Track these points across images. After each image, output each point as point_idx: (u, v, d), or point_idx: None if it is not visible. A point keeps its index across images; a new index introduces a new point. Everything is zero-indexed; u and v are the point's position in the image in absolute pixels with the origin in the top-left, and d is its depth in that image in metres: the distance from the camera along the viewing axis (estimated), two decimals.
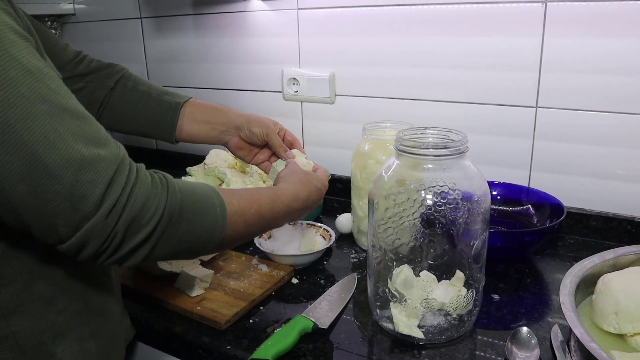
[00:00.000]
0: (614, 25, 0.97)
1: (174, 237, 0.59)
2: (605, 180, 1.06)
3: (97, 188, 0.52)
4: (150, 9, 1.56)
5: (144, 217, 0.55)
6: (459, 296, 0.75)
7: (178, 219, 0.59)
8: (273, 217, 0.74)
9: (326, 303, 0.85)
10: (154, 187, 0.57)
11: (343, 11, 1.23)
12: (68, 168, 0.51)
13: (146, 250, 0.57)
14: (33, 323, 0.63)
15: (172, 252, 0.61)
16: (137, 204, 0.55)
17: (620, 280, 0.73)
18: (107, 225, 0.53)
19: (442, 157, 0.72)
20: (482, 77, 1.12)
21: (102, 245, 0.54)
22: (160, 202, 0.57)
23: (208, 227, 0.63)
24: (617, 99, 1.00)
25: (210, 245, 0.65)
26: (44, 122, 0.50)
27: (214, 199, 0.64)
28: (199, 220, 0.61)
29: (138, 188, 0.55)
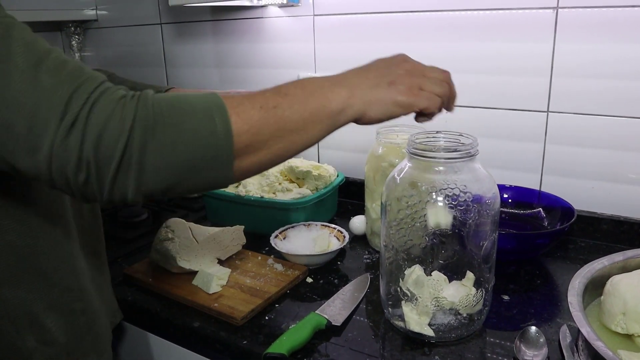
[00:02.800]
0: (625, 30, 0.99)
1: (162, 150, 0.50)
2: (616, 183, 1.07)
3: (56, 111, 0.48)
4: (170, 15, 1.60)
5: (112, 134, 0.49)
6: (468, 295, 0.77)
7: (157, 129, 0.50)
8: (306, 92, 0.58)
9: (339, 301, 0.87)
10: (121, 102, 0.50)
11: (358, 17, 1.26)
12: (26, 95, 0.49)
13: (133, 174, 0.50)
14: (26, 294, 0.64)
15: (175, 173, 0.52)
16: (99, 119, 0.49)
17: (628, 281, 0.75)
18: (69, 146, 0.48)
19: (452, 159, 0.74)
20: (494, 82, 1.14)
21: (78, 173, 0.49)
22: (127, 116, 0.49)
23: (204, 128, 0.52)
24: (628, 103, 1.02)
25: (224, 151, 0.52)
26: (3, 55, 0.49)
27: (208, 97, 0.54)
28: (188, 123, 0.51)
29: (100, 104, 0.49)
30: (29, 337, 0.66)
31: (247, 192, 1.14)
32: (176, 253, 0.94)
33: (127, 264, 1.04)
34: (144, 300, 0.93)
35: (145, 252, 1.06)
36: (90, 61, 1.89)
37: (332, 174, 1.21)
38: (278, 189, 1.16)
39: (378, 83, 0.63)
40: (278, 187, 1.16)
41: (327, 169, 1.21)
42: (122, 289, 0.97)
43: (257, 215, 1.14)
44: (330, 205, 1.23)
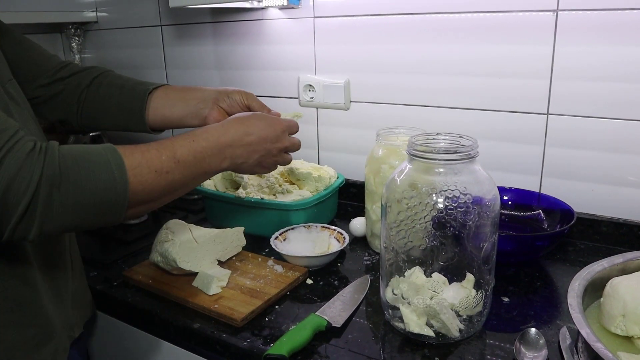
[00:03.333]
0: (625, 33, 0.99)
1: (65, 202, 0.57)
2: (616, 186, 1.07)
3: None
4: (170, 17, 1.61)
5: (21, 183, 0.54)
6: (468, 297, 0.77)
7: (61, 182, 0.56)
8: (196, 159, 0.70)
9: (339, 303, 0.87)
10: (31, 155, 0.56)
11: (358, 20, 1.27)
12: None
13: (37, 219, 0.56)
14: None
15: (75, 219, 0.59)
16: (10, 171, 0.54)
17: (628, 283, 0.75)
18: None
19: (452, 161, 0.74)
20: (494, 85, 1.14)
21: None
22: (35, 168, 0.55)
23: (103, 184, 0.59)
24: (628, 106, 1.02)
25: (119, 205, 0.61)
26: None
27: (106, 155, 0.61)
28: (90, 179, 0.58)
29: (11, 156, 0.54)
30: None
31: (247, 194, 1.14)
32: (176, 254, 0.94)
33: (127, 266, 1.04)
34: (144, 301, 0.93)
35: (145, 253, 1.06)
36: (90, 63, 1.89)
37: (332, 175, 1.22)
38: (278, 191, 1.16)
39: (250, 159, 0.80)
40: (278, 189, 1.16)
41: (327, 170, 1.21)
42: (122, 290, 0.97)
43: (257, 217, 1.14)
44: (331, 207, 1.23)
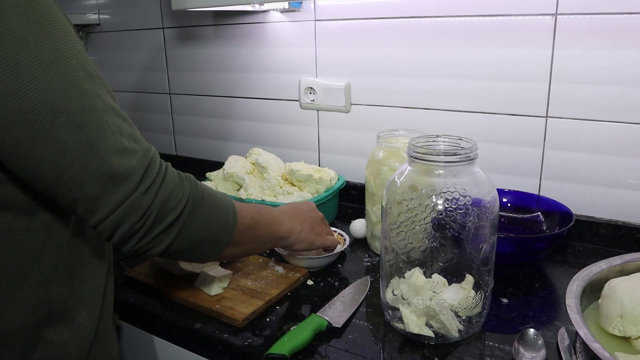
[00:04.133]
0: (623, 37, 1.00)
1: (196, 223, 0.68)
2: (614, 188, 1.08)
3: (137, 172, 0.62)
4: (172, 20, 1.62)
5: (174, 200, 0.65)
6: (468, 298, 0.78)
7: (200, 206, 0.68)
8: (271, 217, 0.84)
9: (340, 304, 0.88)
10: (180, 179, 0.68)
11: (359, 23, 1.28)
12: (116, 154, 0.60)
13: (172, 235, 0.66)
14: (64, 291, 0.72)
15: (194, 243, 0.69)
16: (168, 188, 0.65)
17: (625, 284, 0.76)
18: (144, 201, 0.62)
19: (452, 163, 0.75)
20: (494, 88, 1.15)
21: (137, 222, 0.63)
22: (185, 190, 0.67)
23: (223, 217, 0.72)
24: (626, 109, 1.03)
25: (226, 237, 0.73)
26: (98, 115, 0.60)
27: (225, 196, 0.76)
28: (216, 210, 0.71)
29: (168, 176, 0.66)
30: (64, 332, 0.73)
31: (248, 195, 1.15)
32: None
33: (128, 266, 1.04)
34: (145, 302, 0.94)
35: None
36: None
37: (332, 177, 1.22)
38: (279, 192, 1.17)
39: (305, 226, 0.91)
40: (279, 191, 1.17)
41: (327, 172, 1.22)
42: (124, 290, 0.98)
43: None
44: (331, 209, 1.24)
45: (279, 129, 1.50)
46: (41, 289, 0.69)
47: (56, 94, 0.57)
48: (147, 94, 1.78)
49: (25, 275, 0.67)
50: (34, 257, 0.68)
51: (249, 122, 1.56)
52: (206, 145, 1.69)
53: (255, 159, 1.25)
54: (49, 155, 0.58)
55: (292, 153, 1.48)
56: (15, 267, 0.66)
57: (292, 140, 1.48)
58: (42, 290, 0.69)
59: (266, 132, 1.53)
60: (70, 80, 0.58)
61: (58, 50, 0.57)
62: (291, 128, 1.47)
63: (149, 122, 1.81)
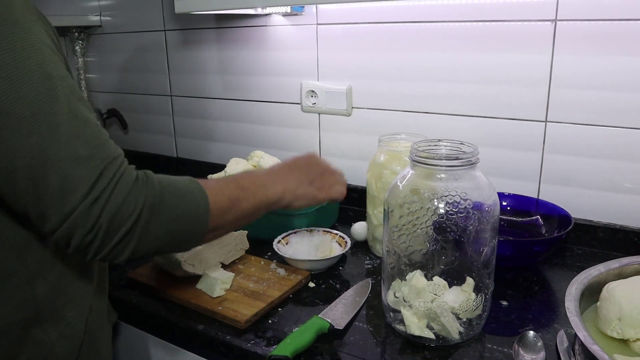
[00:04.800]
0: (622, 43, 1.01)
1: (159, 229, 0.63)
2: (612, 192, 1.09)
3: (86, 183, 0.58)
4: (174, 22, 1.62)
5: (126, 210, 0.60)
6: (468, 300, 0.79)
7: (160, 209, 0.63)
8: (256, 186, 0.77)
9: (342, 306, 0.89)
10: (136, 184, 0.62)
11: (360, 27, 1.29)
12: (65, 162, 0.57)
13: (132, 243, 0.62)
14: (54, 289, 0.71)
15: (163, 244, 0.65)
16: (118, 198, 0.60)
17: (624, 287, 0.77)
18: (90, 215, 0.58)
19: (454, 167, 0.76)
20: (494, 92, 1.16)
21: (87, 235, 0.59)
22: (139, 197, 0.61)
23: (191, 210, 0.66)
24: (624, 114, 1.04)
25: (201, 231, 0.68)
26: (53, 120, 0.57)
27: (192, 183, 0.69)
28: (181, 205, 0.65)
29: (121, 184, 0.60)
30: (52, 330, 0.72)
31: None
32: (181, 257, 0.96)
33: (131, 268, 1.05)
34: (148, 303, 0.95)
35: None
36: (93, 67, 1.91)
37: None
38: None
39: (302, 182, 0.84)
40: None
41: None
42: (126, 292, 0.98)
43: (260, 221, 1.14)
44: (332, 212, 1.25)
45: (281, 131, 1.51)
46: (26, 287, 0.68)
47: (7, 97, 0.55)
48: (149, 95, 1.78)
49: (8, 274, 0.66)
50: (18, 255, 0.67)
51: (250, 125, 1.57)
52: (207, 148, 1.69)
53: (257, 162, 1.26)
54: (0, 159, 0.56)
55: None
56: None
57: (293, 143, 1.49)
58: (28, 289, 0.68)
59: (268, 134, 1.54)
60: (22, 82, 0.56)
61: (14, 51, 0.56)
62: (293, 131, 1.48)
63: (150, 124, 1.81)
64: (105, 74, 1.89)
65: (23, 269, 0.67)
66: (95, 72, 1.92)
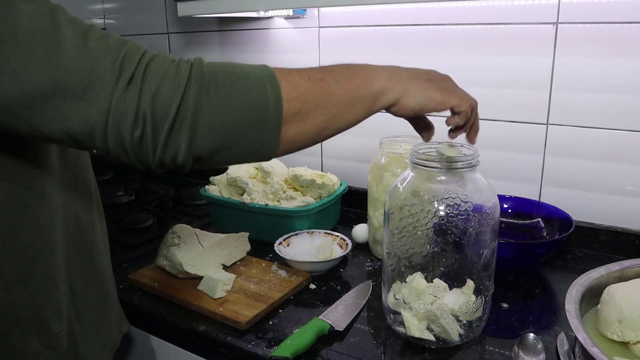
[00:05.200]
0: (623, 46, 1.01)
1: (217, 109, 0.53)
2: (614, 195, 1.09)
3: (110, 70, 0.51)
4: (177, 25, 1.63)
5: (168, 88, 0.52)
6: (468, 303, 0.79)
7: (210, 85, 0.54)
8: (350, 71, 0.62)
9: (342, 307, 0.89)
10: (175, 62, 0.54)
11: (361, 30, 1.29)
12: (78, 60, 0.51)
13: (187, 130, 0.53)
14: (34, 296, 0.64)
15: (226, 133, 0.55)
16: (156, 77, 0.52)
17: (624, 290, 0.77)
18: (127, 100, 0.51)
19: (454, 169, 0.76)
20: (496, 95, 1.16)
21: (135, 127, 0.52)
22: (181, 72, 0.53)
23: (254, 91, 0.55)
24: (626, 117, 1.04)
25: (274, 116, 0.56)
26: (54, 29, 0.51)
27: (255, 66, 0.58)
28: (240, 84, 0.55)
29: (155, 63, 0.53)
30: (34, 341, 0.66)
31: (251, 200, 1.16)
32: (182, 258, 0.96)
33: (132, 269, 1.05)
34: (149, 304, 0.95)
35: (150, 257, 1.08)
36: None
37: (335, 182, 1.24)
38: (282, 197, 1.18)
39: (417, 77, 0.67)
40: (282, 195, 1.18)
41: (330, 178, 1.23)
42: (128, 293, 0.99)
43: (261, 223, 1.16)
44: (333, 214, 1.25)
45: None
46: (2, 293, 0.62)
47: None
48: None
49: None
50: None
51: None
52: None
53: (259, 164, 1.26)
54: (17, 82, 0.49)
55: (296, 158, 1.49)
56: None
57: None
58: (4, 295, 0.62)
59: None
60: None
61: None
62: None
63: None
64: None
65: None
66: None
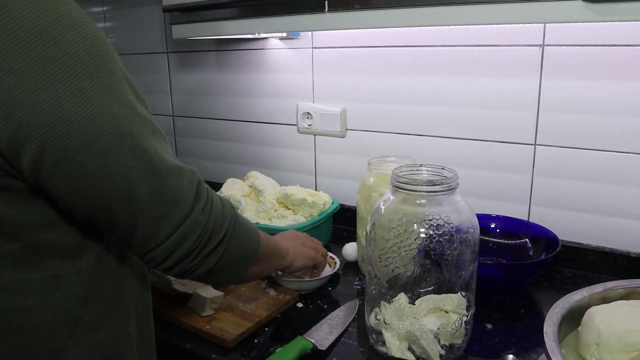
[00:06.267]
0: (609, 68, 1.03)
1: (235, 241, 0.70)
2: (602, 216, 1.10)
3: (192, 190, 0.63)
4: (176, 45, 1.67)
5: (222, 218, 0.67)
6: (448, 323, 0.79)
7: (237, 224, 0.70)
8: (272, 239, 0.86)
9: (327, 326, 0.90)
10: (219, 197, 0.70)
11: (354, 51, 1.31)
12: (172, 174, 0.61)
13: (220, 252, 0.67)
14: (113, 334, 0.69)
15: (231, 259, 0.70)
16: (217, 207, 0.67)
17: (604, 312, 0.77)
18: (202, 219, 0.64)
19: (433, 192, 0.77)
20: (484, 115, 1.18)
21: (196, 242, 0.63)
22: (227, 209, 0.69)
23: (252, 232, 0.75)
24: (612, 138, 1.05)
25: (254, 252, 0.75)
26: (153, 137, 0.60)
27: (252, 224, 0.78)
28: (247, 226, 0.74)
29: (213, 195, 0.68)
30: None
31: None
32: (172, 276, 0.98)
33: None
34: None
35: None
36: None
37: (326, 201, 1.25)
38: (273, 215, 1.20)
39: (296, 244, 0.95)
40: (274, 214, 1.20)
41: (322, 196, 1.25)
42: None
43: None
44: (325, 232, 1.26)
45: (278, 152, 1.53)
46: (91, 335, 0.66)
47: (119, 119, 0.55)
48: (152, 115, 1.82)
49: (75, 322, 0.64)
50: (82, 302, 0.65)
51: (249, 146, 1.60)
52: (208, 167, 1.72)
53: (252, 182, 1.28)
54: (118, 183, 0.56)
55: (290, 176, 1.52)
56: (66, 314, 0.63)
57: (290, 164, 1.52)
58: (92, 336, 0.66)
59: (265, 155, 1.57)
60: (127, 104, 0.57)
61: (113, 72, 0.56)
62: (289, 152, 1.51)
63: None
64: None
65: (87, 316, 0.65)
66: None
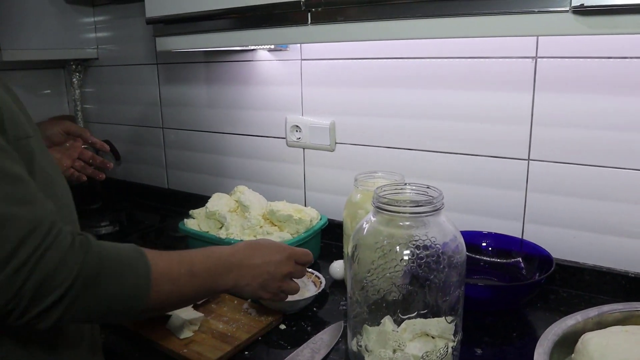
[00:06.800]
0: (603, 81, 0.99)
1: (91, 300, 0.60)
2: (598, 234, 1.06)
3: (7, 246, 0.54)
4: (165, 56, 1.64)
5: (56, 279, 0.56)
6: (435, 350, 0.76)
7: (94, 283, 0.59)
8: (209, 275, 0.76)
9: (308, 351, 0.86)
10: (71, 250, 0.58)
11: (344, 63, 1.28)
12: None
13: (58, 312, 0.58)
14: None
15: (92, 315, 0.62)
16: (48, 266, 0.56)
17: (598, 340, 0.74)
18: (12, 283, 0.54)
19: (417, 214, 0.74)
20: (476, 129, 1.14)
21: (8, 304, 0.55)
22: (74, 266, 0.58)
23: (129, 288, 0.63)
24: (608, 154, 1.01)
25: (136, 307, 0.65)
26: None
27: (137, 260, 0.65)
28: (119, 282, 0.62)
29: (53, 250, 0.57)
30: None
31: (228, 235, 1.14)
32: None
33: None
34: (115, 342, 0.93)
35: None
36: (89, 97, 1.93)
37: (314, 217, 1.21)
38: (259, 232, 1.16)
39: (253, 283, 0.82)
40: (259, 231, 1.16)
41: (309, 212, 1.21)
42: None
43: None
44: (313, 249, 1.22)
45: (266, 166, 1.50)
46: None
47: None
48: (142, 127, 1.80)
49: None
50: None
51: (237, 159, 1.57)
52: (197, 180, 1.69)
53: (238, 197, 1.25)
54: None
55: (279, 190, 1.48)
56: None
57: (278, 178, 1.48)
58: None
59: (254, 168, 1.53)
60: None
61: None
62: (278, 165, 1.47)
63: (143, 155, 1.82)
64: (102, 105, 1.91)
65: None
66: (92, 103, 1.94)
